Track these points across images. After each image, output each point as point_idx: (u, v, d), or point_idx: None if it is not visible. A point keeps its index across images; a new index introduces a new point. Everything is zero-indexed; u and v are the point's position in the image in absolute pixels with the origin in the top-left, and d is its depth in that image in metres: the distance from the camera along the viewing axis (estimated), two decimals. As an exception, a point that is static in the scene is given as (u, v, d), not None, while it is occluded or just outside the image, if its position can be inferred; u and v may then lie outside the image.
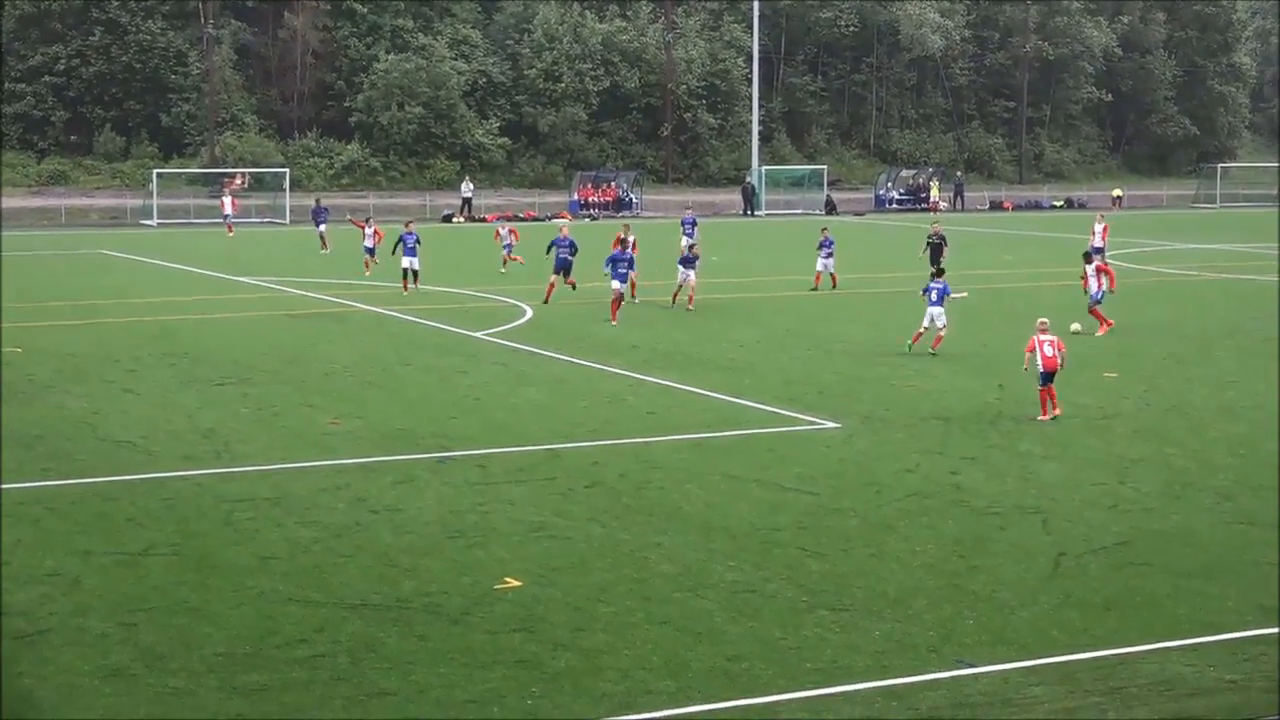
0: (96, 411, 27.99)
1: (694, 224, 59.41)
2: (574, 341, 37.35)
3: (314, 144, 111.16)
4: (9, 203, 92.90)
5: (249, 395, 29.92)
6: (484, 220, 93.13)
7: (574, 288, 45.32)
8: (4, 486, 21.86)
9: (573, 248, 45.44)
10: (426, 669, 14.61)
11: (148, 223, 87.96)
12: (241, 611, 16.27)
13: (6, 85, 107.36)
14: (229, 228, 78.44)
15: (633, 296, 44.27)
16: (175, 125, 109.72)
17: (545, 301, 44.20)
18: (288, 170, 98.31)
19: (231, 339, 38.30)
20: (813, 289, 48.78)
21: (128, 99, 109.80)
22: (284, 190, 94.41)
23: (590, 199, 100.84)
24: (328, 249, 63.27)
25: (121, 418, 27.47)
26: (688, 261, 43.90)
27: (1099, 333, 38.81)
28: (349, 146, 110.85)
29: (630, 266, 42.72)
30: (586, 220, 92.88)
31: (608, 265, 42.21)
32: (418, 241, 48.09)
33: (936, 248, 50.65)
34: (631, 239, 44.54)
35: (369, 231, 53.48)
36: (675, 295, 43.88)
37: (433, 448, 24.89)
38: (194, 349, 36.30)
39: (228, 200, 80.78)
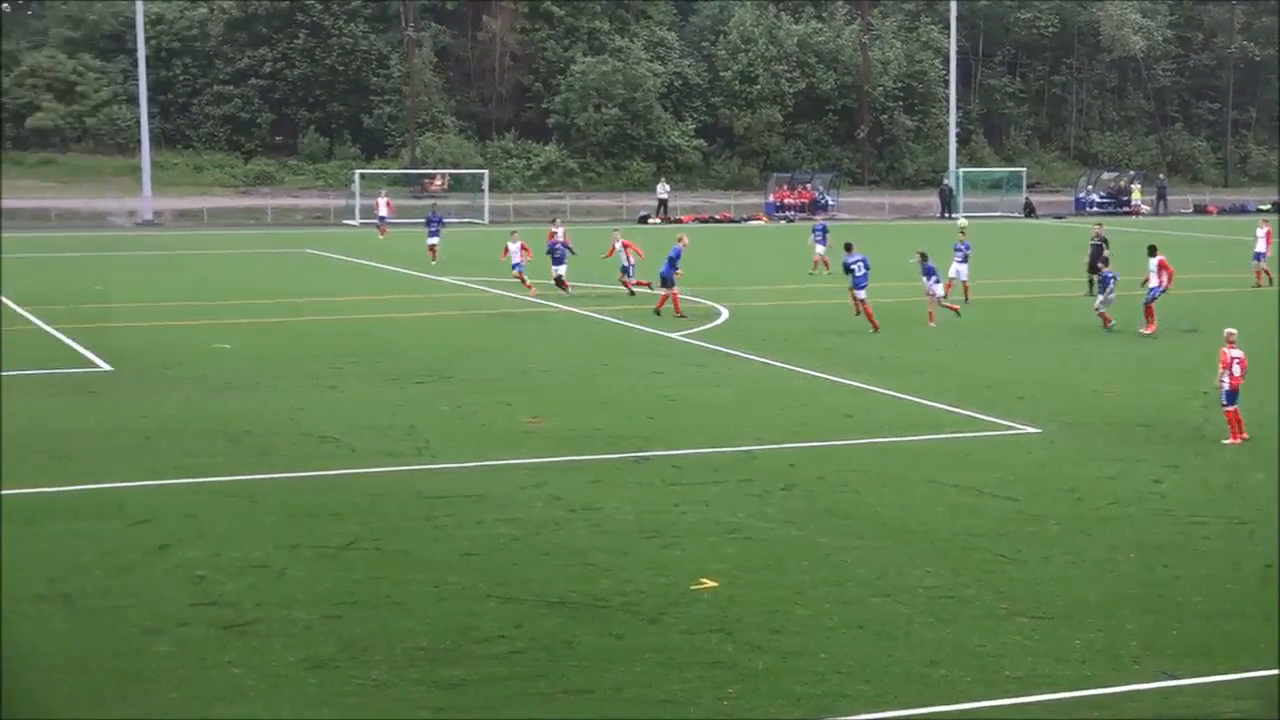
0: (301, 407, 28.57)
1: (825, 231, 58.51)
2: (770, 343, 37.27)
3: (512, 145, 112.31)
4: (218, 202, 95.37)
5: (449, 393, 30.32)
6: (680, 221, 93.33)
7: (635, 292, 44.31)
8: (213, 479, 22.47)
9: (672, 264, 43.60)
10: (622, 667, 14.67)
11: (350, 222, 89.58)
12: (441, 607, 16.48)
13: (215, 87, 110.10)
14: (382, 229, 77.68)
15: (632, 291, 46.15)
16: (377, 127, 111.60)
17: (679, 314, 42.39)
18: (486, 171, 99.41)
19: (432, 337, 38.86)
20: (941, 299, 42.60)
21: (331, 101, 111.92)
22: (483, 191, 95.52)
23: (785, 201, 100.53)
24: (436, 260, 59.95)
25: (325, 414, 28.00)
26: (856, 280, 41.69)
27: (1145, 330, 38.50)
28: (546, 148, 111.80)
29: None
30: (782, 223, 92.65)
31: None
32: (566, 248, 48.76)
33: (1097, 249, 49.22)
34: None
35: (514, 247, 49.75)
36: (864, 311, 40.89)
37: (629, 447, 25.00)
38: (395, 347, 36.89)
39: (383, 201, 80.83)
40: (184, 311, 43.37)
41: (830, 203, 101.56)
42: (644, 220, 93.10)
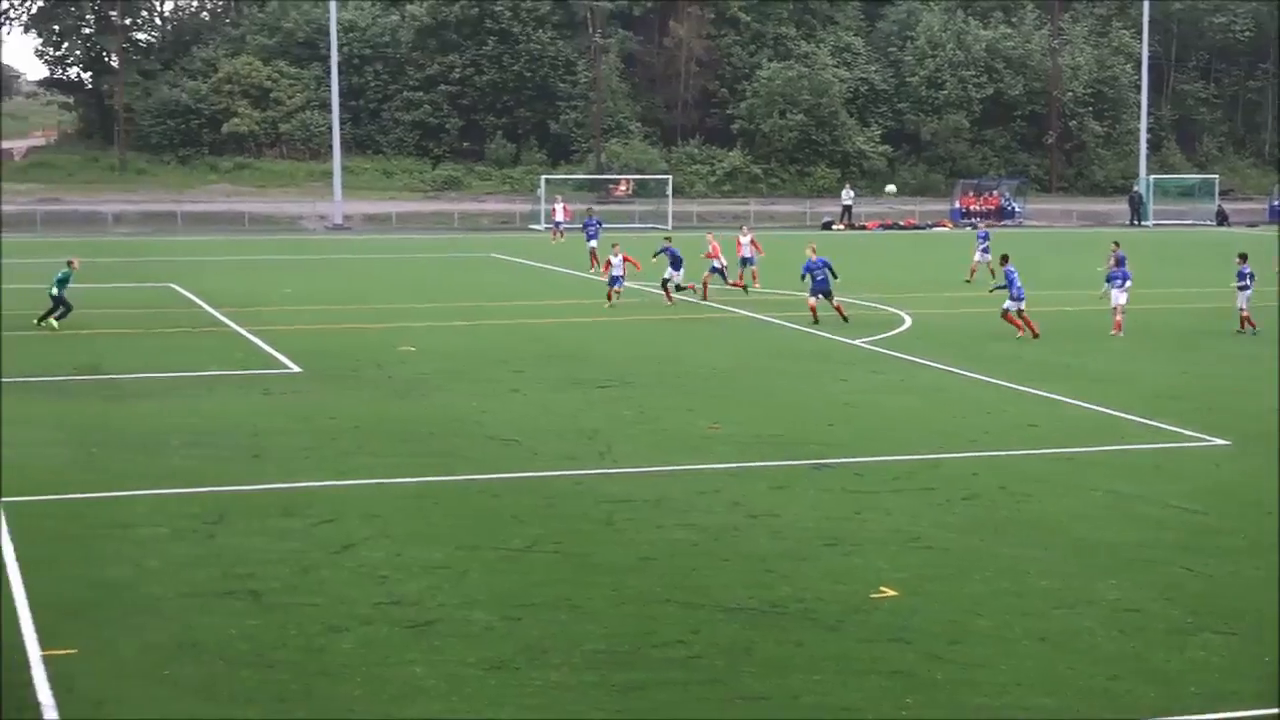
0: (484, 410, 28.89)
1: (987, 238, 57.54)
2: (952, 350, 36.89)
3: (696, 151, 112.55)
4: (406, 206, 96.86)
5: (630, 398, 30.45)
6: (864, 228, 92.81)
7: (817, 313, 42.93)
8: (396, 480, 22.82)
9: (828, 267, 43.32)
10: (801, 675, 14.61)
11: (535, 227, 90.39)
12: (621, 610, 16.55)
13: (405, 94, 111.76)
14: (557, 234, 78.05)
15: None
16: (563, 132, 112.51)
17: (816, 320, 42.06)
18: (670, 177, 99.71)
19: (613, 341, 39.07)
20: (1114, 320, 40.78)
21: (518, 107, 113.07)
22: (666, 196, 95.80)
23: (971, 207, 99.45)
24: (595, 266, 58.70)
25: (507, 416, 28.27)
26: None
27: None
28: (730, 154, 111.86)
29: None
30: (968, 229, 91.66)
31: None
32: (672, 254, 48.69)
33: None
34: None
35: (616, 260, 47.66)
36: (1023, 325, 39.91)
37: (809, 454, 24.90)
38: (577, 351, 37.15)
39: (559, 207, 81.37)
40: (371, 314, 44.09)
41: (1016, 209, 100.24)
42: (827, 226, 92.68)
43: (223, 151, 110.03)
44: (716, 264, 49.38)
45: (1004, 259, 42.04)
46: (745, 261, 52.76)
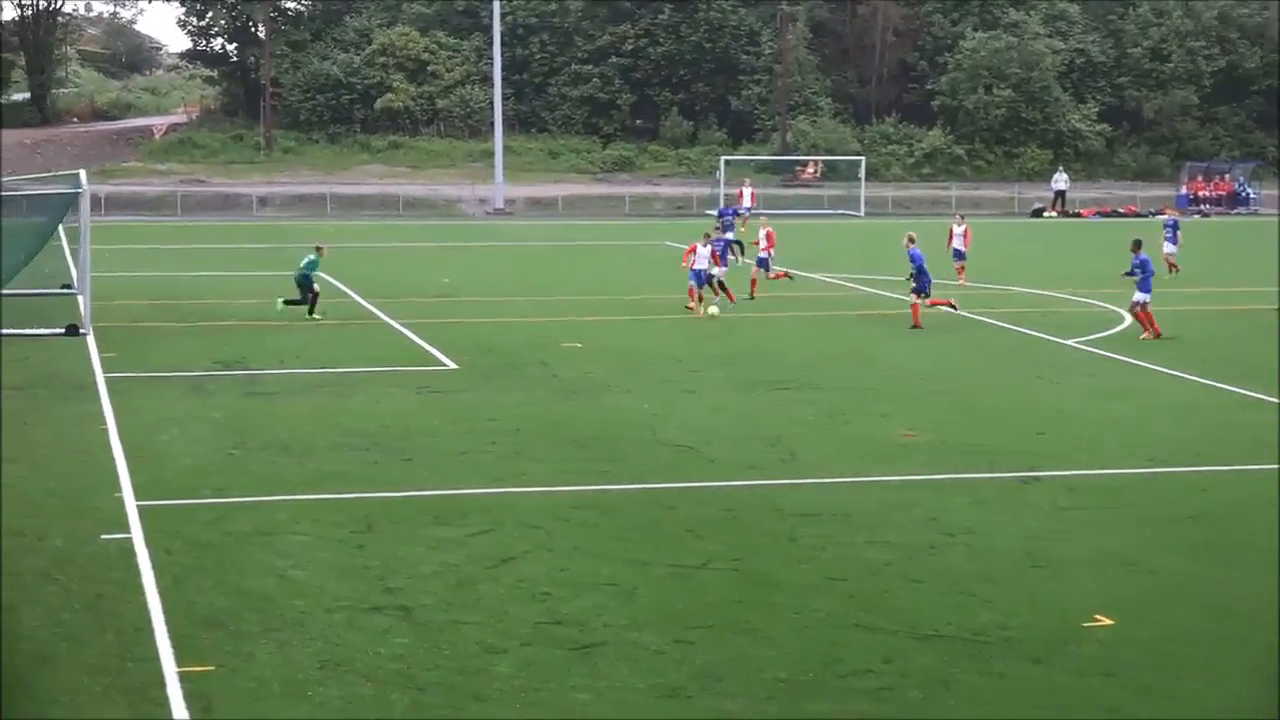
0: (655, 413, 28.94)
1: (1176, 227, 56.06)
2: (1177, 352, 36.24)
3: (892, 130, 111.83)
4: (573, 189, 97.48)
5: (815, 400, 30.32)
6: (1078, 215, 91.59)
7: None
8: (559, 488, 22.93)
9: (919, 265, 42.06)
10: (1004, 709, 14.41)
11: (713, 212, 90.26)
12: (804, 635, 16.45)
13: (573, 67, 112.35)
14: (744, 221, 77.55)
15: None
16: (745, 109, 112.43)
17: (916, 325, 41.19)
18: (863, 158, 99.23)
19: (797, 338, 38.94)
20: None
21: (696, 81, 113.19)
22: (859, 180, 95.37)
23: (1200, 193, 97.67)
24: (739, 261, 55.70)
25: (681, 420, 28.30)
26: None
27: None
28: (930, 133, 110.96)
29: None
30: (1195, 217, 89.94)
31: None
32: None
33: None
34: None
35: (704, 251, 44.95)
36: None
37: (1014, 465, 24.59)
38: (758, 348, 37.09)
39: (746, 191, 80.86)
40: (534, 307, 44.41)
41: (1252, 195, 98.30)
42: (1038, 214, 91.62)
43: (376, 129, 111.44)
44: (763, 255, 48.57)
45: (1136, 245, 40.16)
46: (958, 255, 51.83)
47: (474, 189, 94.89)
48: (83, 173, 42.07)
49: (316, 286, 41.37)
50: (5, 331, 37.15)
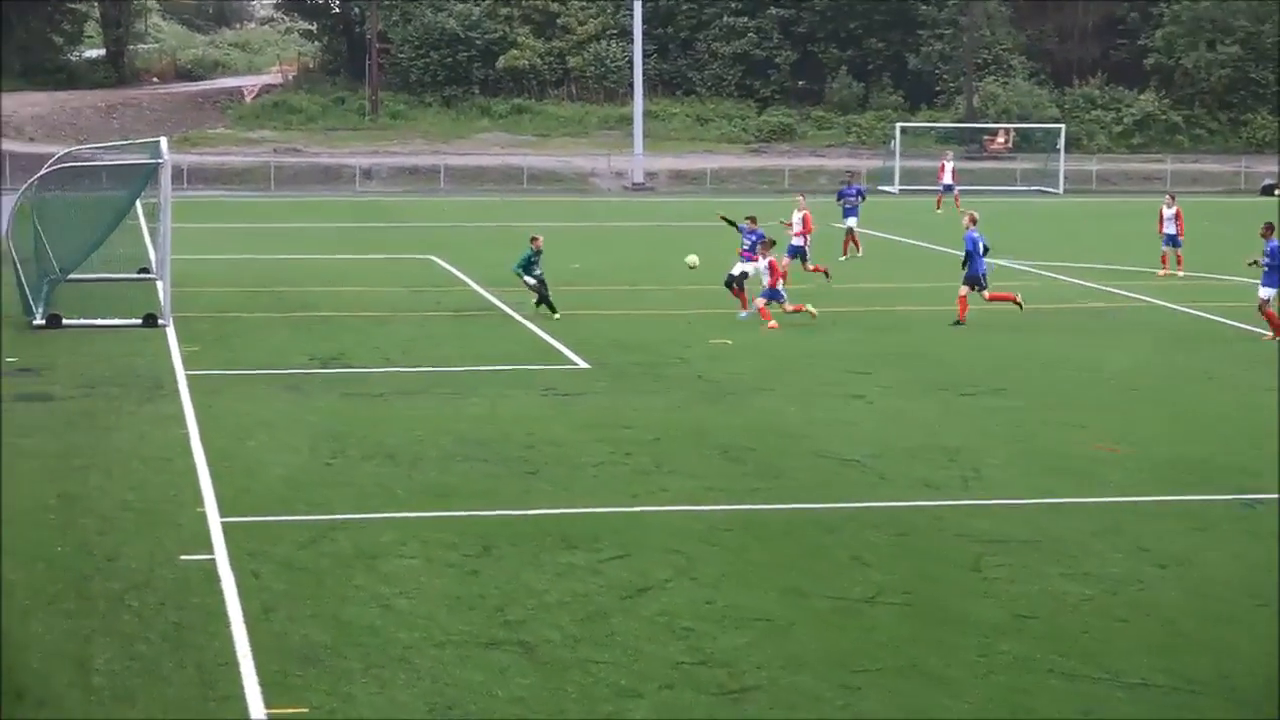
0: (817, 420, 28.90)
1: None
2: None
3: (1096, 93, 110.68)
4: (724, 161, 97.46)
5: (1001, 408, 30.17)
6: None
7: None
8: (706, 507, 22.97)
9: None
10: (1222, 774, 14.29)
11: (887, 189, 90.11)
12: (989, 681, 16.37)
13: (725, 19, 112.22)
14: (942, 201, 76.59)
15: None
16: (925, 69, 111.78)
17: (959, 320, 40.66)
18: (1062, 126, 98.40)
19: (985, 336, 38.71)
20: None
21: (868, 36, 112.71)
22: (1057, 151, 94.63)
23: None
24: (859, 251, 56.12)
25: (846, 429, 28.26)
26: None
27: None
28: (1141, 97, 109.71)
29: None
30: None
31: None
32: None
33: None
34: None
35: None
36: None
37: (1233, 485, 24.33)
38: (935, 347, 36.92)
39: (948, 165, 79.58)
40: (677, 297, 44.40)
41: None
42: (1269, 191, 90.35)
43: (497, 92, 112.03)
44: (797, 242, 47.51)
45: (1268, 229, 38.60)
46: (1172, 241, 51.06)
47: (609, 161, 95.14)
48: (163, 140, 42.75)
49: (538, 277, 40.50)
50: (73, 322, 37.81)
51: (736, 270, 41.82)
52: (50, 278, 40.45)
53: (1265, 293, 38.28)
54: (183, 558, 20.14)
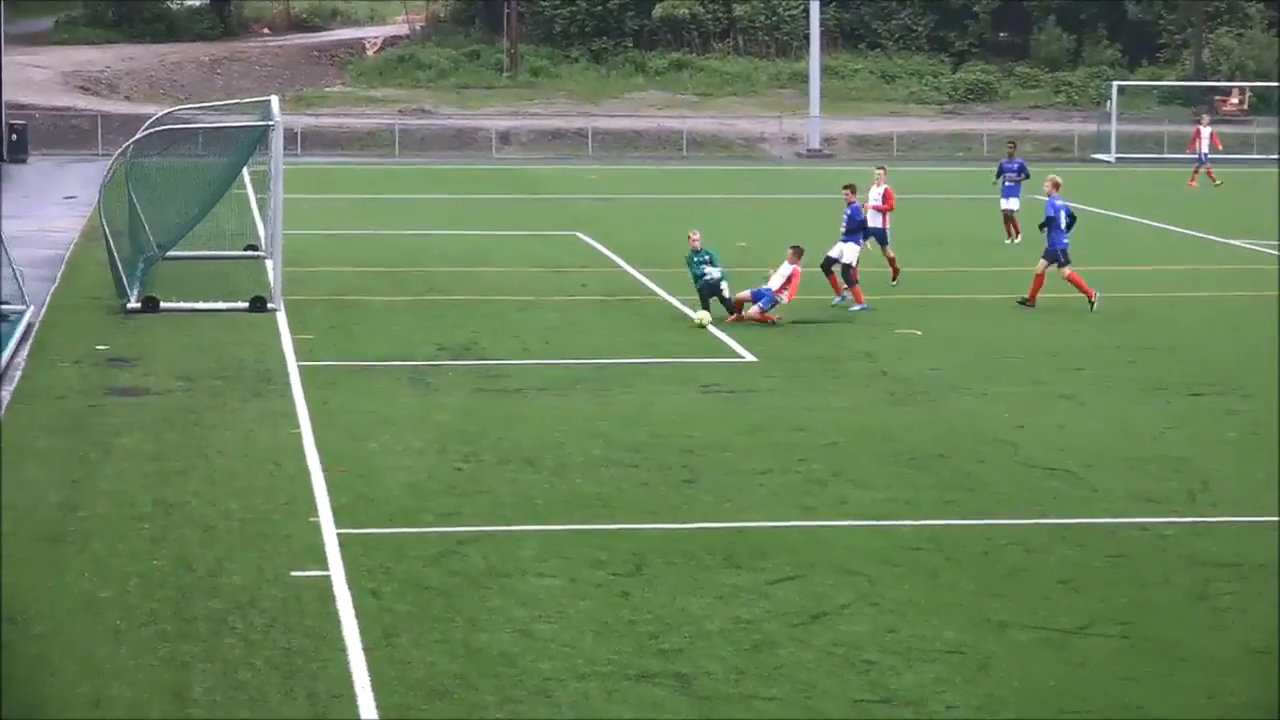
0: (1020, 424, 28.75)
1: None
2: None
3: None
4: (912, 125, 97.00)
5: (1237, 412, 29.87)
6: None
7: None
8: (890, 522, 22.92)
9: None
10: None
11: (1102, 157, 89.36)
12: (1216, 727, 16.27)
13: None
14: (1200, 173, 74.35)
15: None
16: (1146, 18, 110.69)
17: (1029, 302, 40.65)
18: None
19: (1215, 328, 38.34)
20: None
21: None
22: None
23: None
24: (1016, 236, 53.80)
25: (1054, 434, 28.09)
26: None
27: None
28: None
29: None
30: None
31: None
32: None
33: None
34: None
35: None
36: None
37: None
38: (1163, 340, 36.56)
39: (1205, 131, 77.18)
40: (863, 281, 44.14)
41: None
42: None
43: (653, 45, 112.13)
44: (876, 221, 43.49)
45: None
46: None
47: (781, 123, 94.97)
48: (274, 100, 43.02)
49: (707, 278, 38.42)
50: (172, 305, 38.16)
51: (834, 252, 40.86)
52: (147, 255, 40.95)
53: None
54: (294, 574, 20.32)
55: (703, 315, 37.50)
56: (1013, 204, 53.98)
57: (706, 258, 38.44)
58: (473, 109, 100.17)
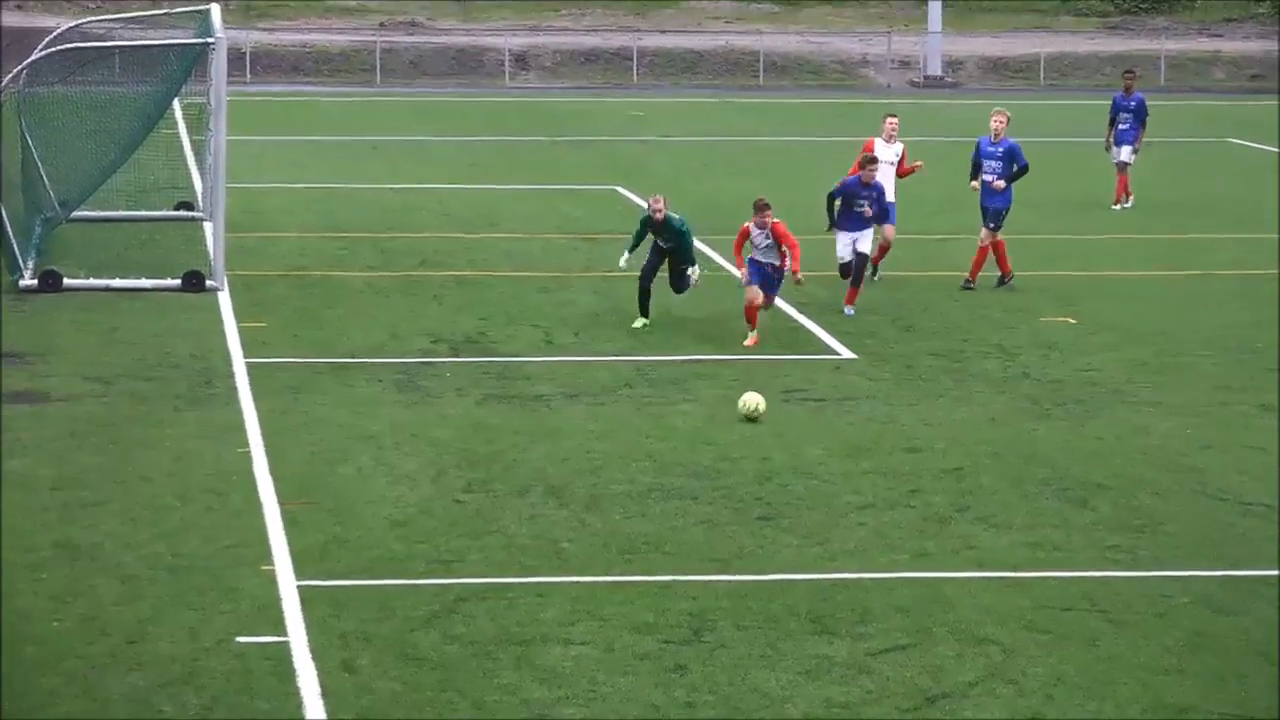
0: (1206, 444, 28.86)
1: None
2: None
3: None
4: (1064, 44, 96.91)
5: None
6: None
7: None
8: (1046, 574, 22.93)
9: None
10: None
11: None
12: None
13: None
14: None
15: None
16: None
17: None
18: None
19: None
20: None
21: None
22: None
23: None
24: (1127, 200, 53.48)
25: (1251, 458, 28.27)
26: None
27: None
28: None
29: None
30: None
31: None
32: None
33: None
34: None
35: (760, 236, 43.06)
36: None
37: None
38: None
39: None
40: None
41: None
42: None
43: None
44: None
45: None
46: None
47: (890, 43, 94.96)
48: (215, 8, 42.85)
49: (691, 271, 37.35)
50: (79, 283, 38.05)
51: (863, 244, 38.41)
52: (46, 216, 40.91)
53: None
54: (241, 640, 20.39)
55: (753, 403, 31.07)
56: (1125, 153, 53.18)
57: (672, 244, 36.53)
58: (479, 21, 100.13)
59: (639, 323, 36.36)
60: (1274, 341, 35.40)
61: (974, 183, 41.49)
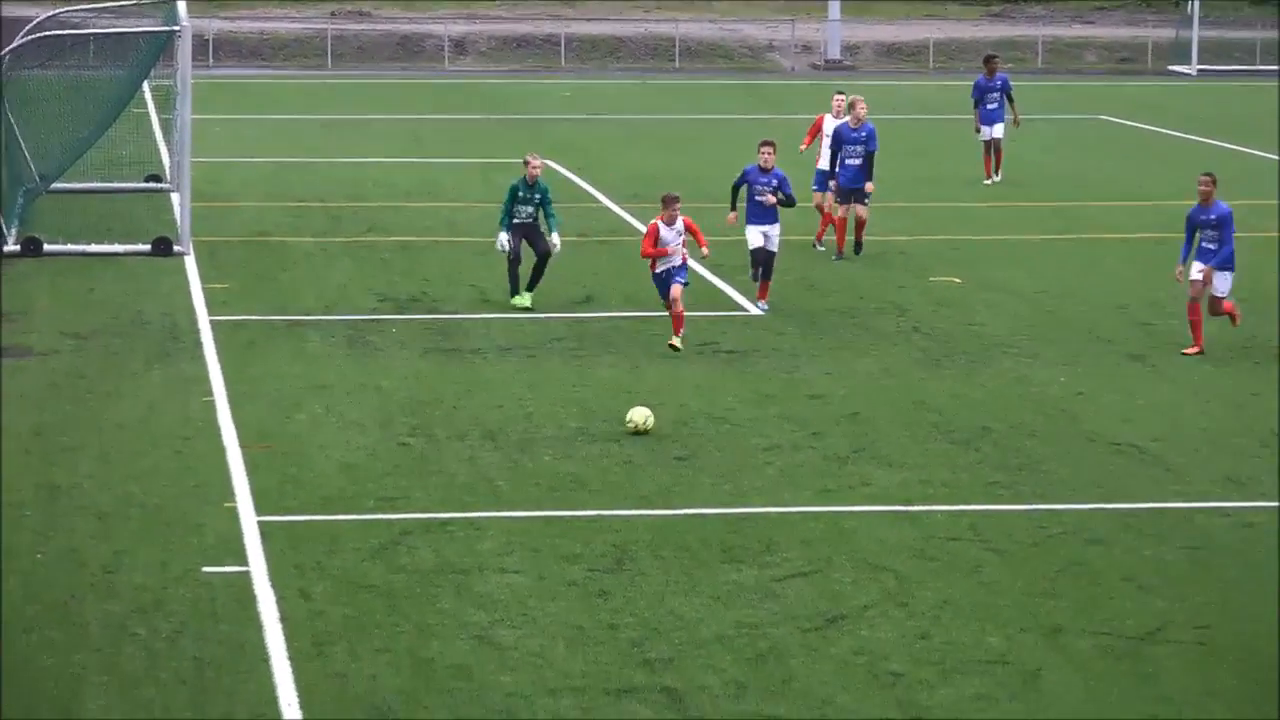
0: (1080, 391, 28.99)
1: None
2: None
3: None
4: (953, 31, 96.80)
5: (1343, 375, 29.94)
6: None
7: None
8: (934, 508, 23.03)
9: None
10: None
11: (1181, 69, 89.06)
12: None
13: None
14: None
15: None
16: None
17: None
18: None
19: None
20: None
21: None
22: None
23: None
24: (997, 175, 51.59)
25: (1122, 404, 28.32)
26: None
27: None
28: None
29: None
30: None
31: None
32: None
33: None
34: None
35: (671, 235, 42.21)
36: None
37: None
38: (1255, 290, 36.28)
39: None
40: (887, 218, 43.87)
41: None
42: None
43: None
44: (822, 165, 41.17)
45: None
46: None
47: (794, 29, 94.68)
48: (181, -1, 42.85)
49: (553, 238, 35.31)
50: (57, 248, 38.01)
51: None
52: (28, 188, 40.80)
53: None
54: (206, 570, 20.43)
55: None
56: (996, 131, 51.69)
57: (537, 197, 34.93)
58: (421, 10, 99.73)
59: (524, 300, 34.57)
60: (1139, 297, 35.49)
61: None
